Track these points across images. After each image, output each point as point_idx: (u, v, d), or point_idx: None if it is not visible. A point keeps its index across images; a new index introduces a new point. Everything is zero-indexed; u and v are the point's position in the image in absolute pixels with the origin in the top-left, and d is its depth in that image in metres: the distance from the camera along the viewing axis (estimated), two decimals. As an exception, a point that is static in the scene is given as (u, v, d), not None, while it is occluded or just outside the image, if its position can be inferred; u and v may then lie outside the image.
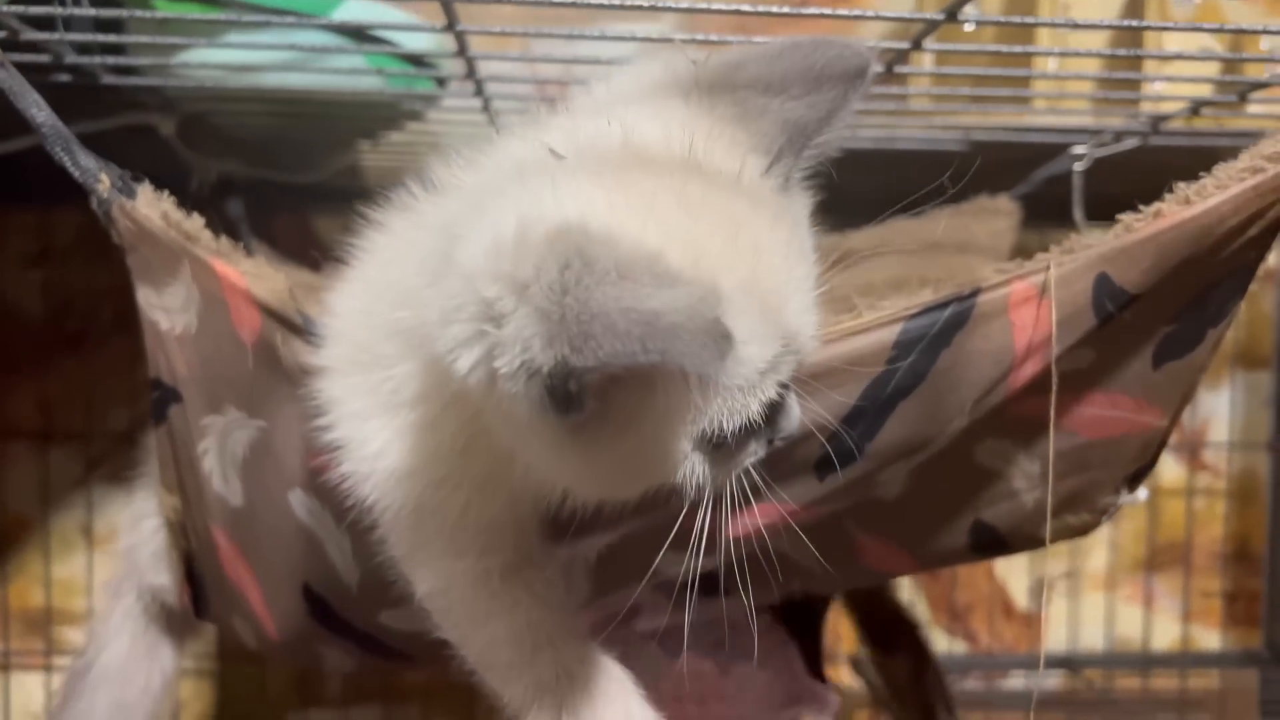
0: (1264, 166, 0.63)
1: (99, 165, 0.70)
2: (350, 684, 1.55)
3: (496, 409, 0.53)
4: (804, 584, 0.84)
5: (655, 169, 0.53)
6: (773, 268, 0.53)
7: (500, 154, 0.58)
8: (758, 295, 0.52)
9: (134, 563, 0.91)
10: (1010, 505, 0.79)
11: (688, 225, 0.51)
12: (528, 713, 0.64)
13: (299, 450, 0.73)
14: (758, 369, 0.52)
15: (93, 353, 1.48)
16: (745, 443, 0.57)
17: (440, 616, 0.68)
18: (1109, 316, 0.67)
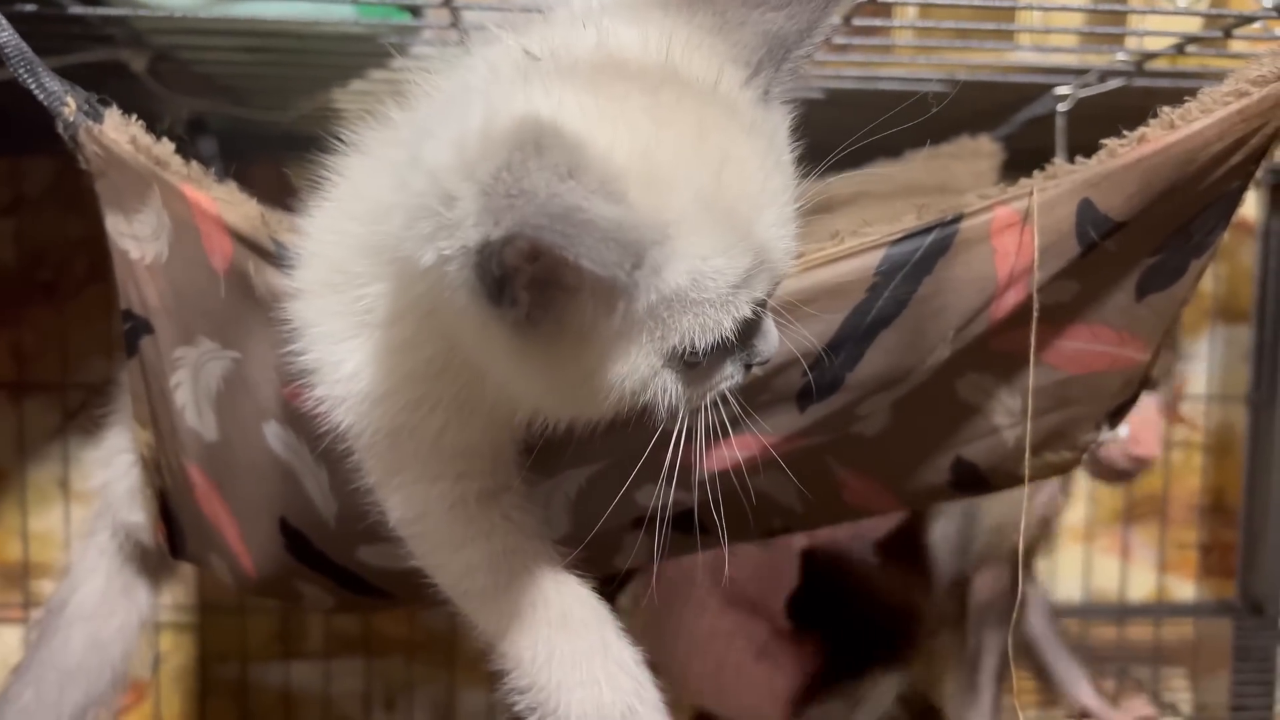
0: (1249, 90, 0.62)
1: (65, 88, 0.69)
2: (332, 636, 1.55)
3: (451, 310, 0.52)
4: (784, 522, 0.84)
5: (629, 74, 0.52)
6: (744, 177, 0.52)
7: (475, 59, 0.57)
8: (725, 205, 0.51)
9: (108, 500, 0.90)
10: (991, 442, 0.79)
11: (655, 132, 0.50)
12: (502, 639, 0.64)
13: (273, 381, 0.72)
14: (729, 282, 0.51)
15: (67, 302, 1.46)
16: (720, 363, 0.57)
17: (415, 543, 0.67)
18: (1092, 244, 0.66)
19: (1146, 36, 0.95)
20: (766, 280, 0.54)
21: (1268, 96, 0.62)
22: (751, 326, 0.56)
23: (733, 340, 0.54)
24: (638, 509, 0.75)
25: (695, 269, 0.50)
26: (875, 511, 0.86)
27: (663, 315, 0.51)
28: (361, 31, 0.93)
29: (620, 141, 0.49)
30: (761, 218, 0.52)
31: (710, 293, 0.51)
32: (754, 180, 0.52)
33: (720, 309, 0.52)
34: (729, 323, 0.52)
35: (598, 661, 0.63)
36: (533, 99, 0.50)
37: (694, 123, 0.52)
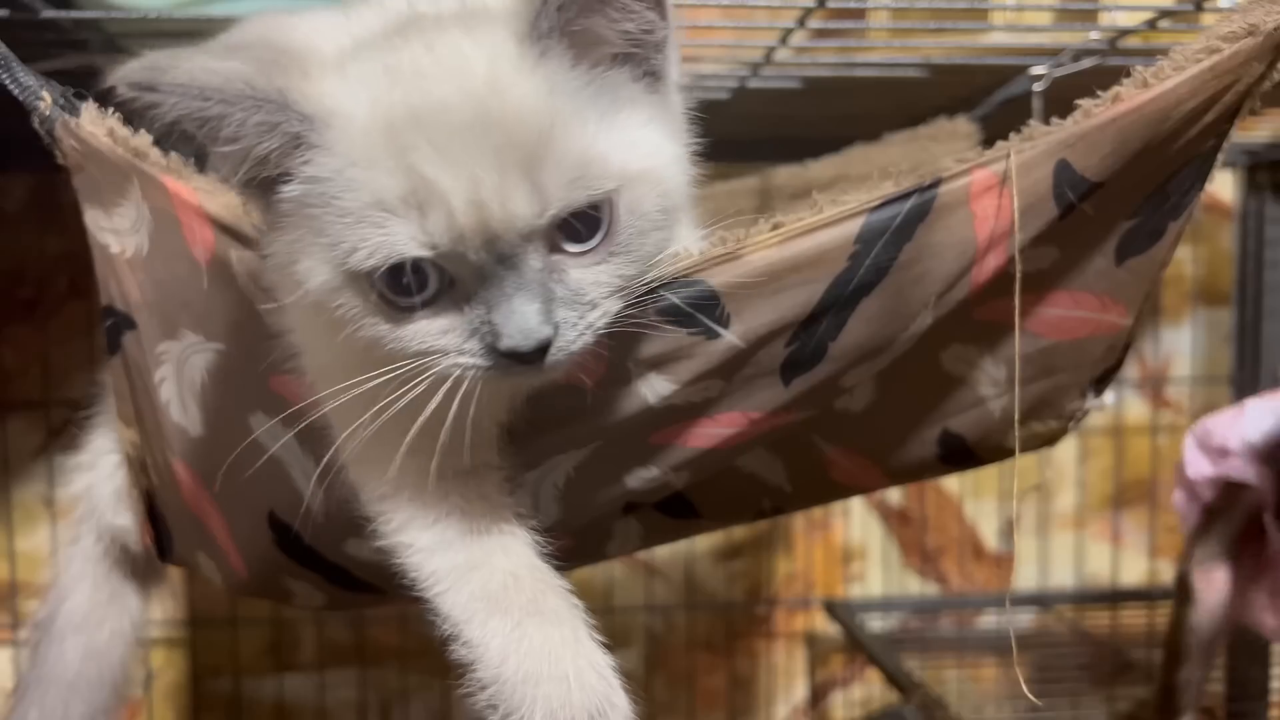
0: (1220, 47, 0.63)
1: (40, 83, 0.69)
2: (325, 646, 1.53)
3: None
4: (774, 502, 0.84)
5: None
6: (429, 103, 0.51)
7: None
8: (391, 123, 0.51)
9: (92, 504, 0.88)
10: (978, 413, 0.79)
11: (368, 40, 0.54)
12: (469, 624, 0.61)
13: (259, 371, 0.71)
14: (372, 197, 0.51)
15: (48, 319, 1.45)
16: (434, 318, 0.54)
17: (386, 521, 0.65)
18: (1070, 206, 0.66)
19: (1119, 13, 0.96)
20: (442, 224, 0.51)
21: (1239, 52, 0.63)
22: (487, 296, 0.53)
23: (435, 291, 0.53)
24: (627, 493, 0.75)
25: (337, 170, 0.51)
26: (864, 488, 0.86)
27: (318, 213, 0.52)
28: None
29: (329, 46, 0.54)
30: (429, 148, 0.50)
31: (352, 204, 0.51)
32: (438, 106, 0.51)
33: (370, 229, 0.51)
34: (382, 251, 0.51)
35: (568, 656, 0.60)
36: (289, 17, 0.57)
37: (418, 45, 0.53)
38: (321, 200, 0.52)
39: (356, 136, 0.51)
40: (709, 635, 1.60)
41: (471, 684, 0.61)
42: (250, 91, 0.50)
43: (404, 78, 0.51)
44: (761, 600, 1.62)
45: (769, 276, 0.63)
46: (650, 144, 0.56)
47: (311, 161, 0.52)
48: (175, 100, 0.50)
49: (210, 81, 0.49)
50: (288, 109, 0.51)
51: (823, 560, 1.62)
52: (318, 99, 0.51)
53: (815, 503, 0.92)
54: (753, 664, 1.62)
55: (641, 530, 0.84)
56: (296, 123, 0.51)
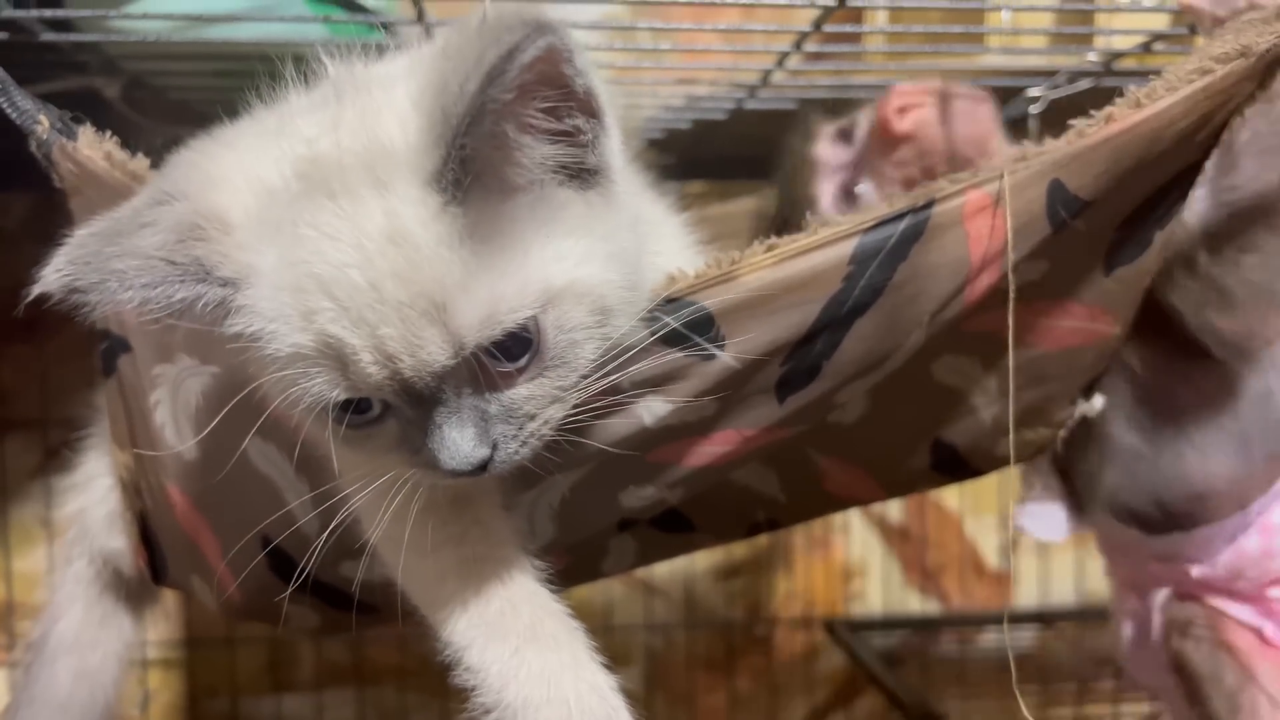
0: (1212, 68, 0.63)
1: (37, 106, 0.69)
2: (323, 666, 1.53)
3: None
4: (769, 514, 0.84)
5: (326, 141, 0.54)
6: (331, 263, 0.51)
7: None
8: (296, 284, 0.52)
9: (85, 526, 0.88)
10: (970, 422, 0.79)
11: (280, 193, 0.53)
12: (469, 650, 0.62)
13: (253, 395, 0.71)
14: (286, 353, 0.52)
15: (46, 339, 1.44)
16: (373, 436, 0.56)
17: (386, 548, 0.66)
18: (1063, 224, 0.67)
19: (1114, 36, 0.96)
20: (360, 375, 0.52)
21: (1231, 73, 0.63)
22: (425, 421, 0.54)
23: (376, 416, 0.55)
24: (622, 511, 0.75)
25: (256, 326, 0.53)
26: (859, 499, 0.86)
27: (253, 357, 0.54)
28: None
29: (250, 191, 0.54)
30: (330, 306, 0.51)
31: (272, 358, 0.53)
32: (340, 266, 0.51)
33: (294, 377, 0.53)
34: (309, 398, 0.53)
35: (568, 680, 0.60)
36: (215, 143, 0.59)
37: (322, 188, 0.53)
38: (255, 348, 0.54)
39: (269, 296, 0.52)
40: (709, 654, 1.60)
41: (475, 708, 0.61)
42: (172, 271, 0.52)
43: (308, 237, 0.52)
44: (762, 619, 1.61)
45: (764, 298, 0.63)
46: (578, 252, 0.55)
47: (239, 317, 0.53)
48: (102, 296, 0.51)
49: (131, 267, 0.51)
50: (209, 278, 0.52)
51: (823, 578, 1.62)
52: (236, 259, 0.53)
53: (810, 515, 0.92)
54: (753, 683, 1.61)
55: (637, 547, 0.84)
56: (219, 287, 0.53)
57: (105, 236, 0.52)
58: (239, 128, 0.60)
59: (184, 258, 0.52)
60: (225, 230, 0.53)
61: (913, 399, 0.77)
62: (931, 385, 0.77)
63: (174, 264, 0.52)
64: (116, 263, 0.51)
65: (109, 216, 0.54)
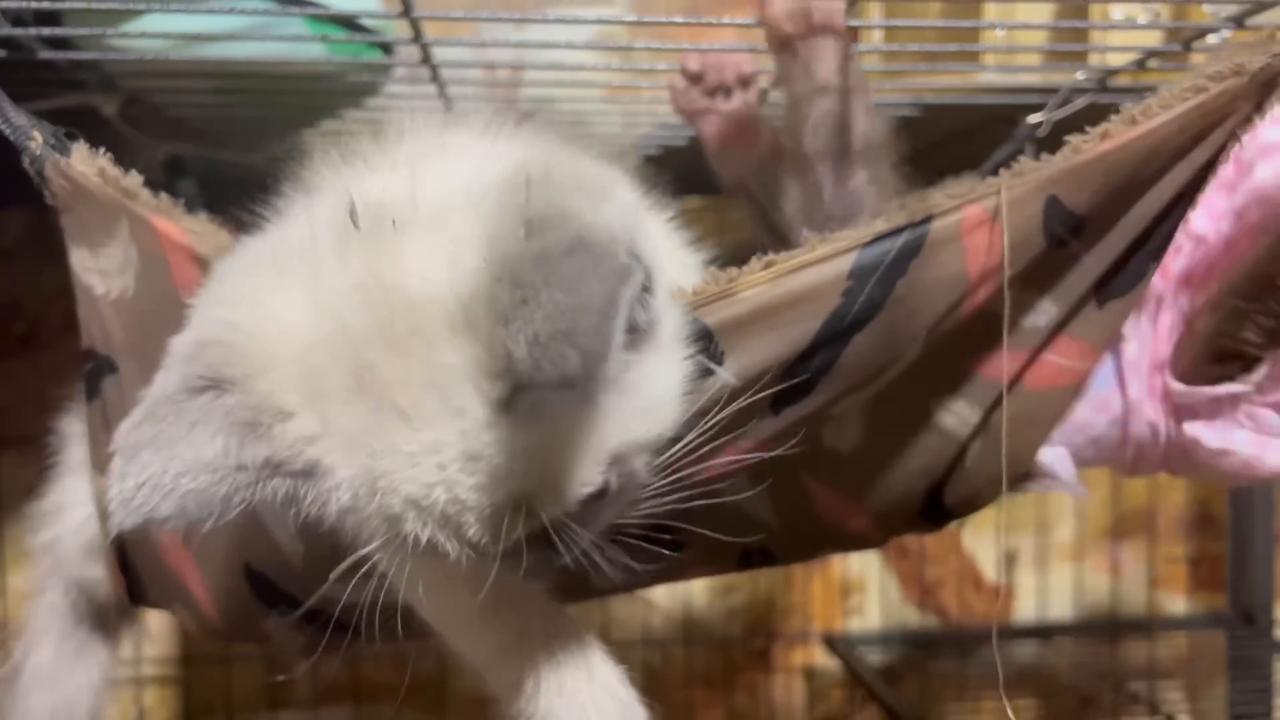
0: (1207, 85, 0.64)
1: (31, 122, 0.69)
2: (320, 684, 1.52)
3: None
4: (761, 540, 0.83)
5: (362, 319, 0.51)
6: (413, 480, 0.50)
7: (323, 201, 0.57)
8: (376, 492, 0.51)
9: (58, 557, 0.86)
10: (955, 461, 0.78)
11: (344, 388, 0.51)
12: (488, 669, 0.63)
13: None
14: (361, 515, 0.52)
15: (42, 354, 1.44)
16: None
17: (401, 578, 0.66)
18: (1059, 240, 0.67)
19: (1109, 53, 0.97)
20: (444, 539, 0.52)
21: (1225, 91, 0.64)
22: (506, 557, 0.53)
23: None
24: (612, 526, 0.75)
25: (335, 515, 0.52)
26: (853, 530, 0.85)
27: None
28: (333, 71, 0.94)
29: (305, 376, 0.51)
30: (417, 518, 0.51)
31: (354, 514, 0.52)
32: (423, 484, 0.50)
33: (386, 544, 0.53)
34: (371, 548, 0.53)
35: (584, 689, 0.62)
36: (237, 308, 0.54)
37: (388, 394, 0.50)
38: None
39: (347, 496, 0.52)
40: (707, 670, 1.59)
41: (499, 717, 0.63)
42: (242, 477, 0.50)
43: (384, 455, 0.50)
44: (760, 634, 1.61)
45: (763, 314, 0.64)
46: (635, 410, 0.54)
47: (310, 504, 0.52)
48: (181, 520, 0.49)
49: (203, 483, 0.49)
50: (280, 472, 0.51)
51: (821, 594, 1.61)
52: (305, 452, 0.51)
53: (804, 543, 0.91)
54: (751, 699, 1.60)
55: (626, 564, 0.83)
56: (291, 479, 0.51)
57: (161, 447, 0.49)
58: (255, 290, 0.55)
59: (252, 459, 0.50)
60: (284, 419, 0.51)
61: (911, 437, 0.77)
62: (930, 425, 0.77)
63: (244, 469, 0.50)
64: (186, 482, 0.49)
65: (149, 412, 0.50)
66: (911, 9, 1.02)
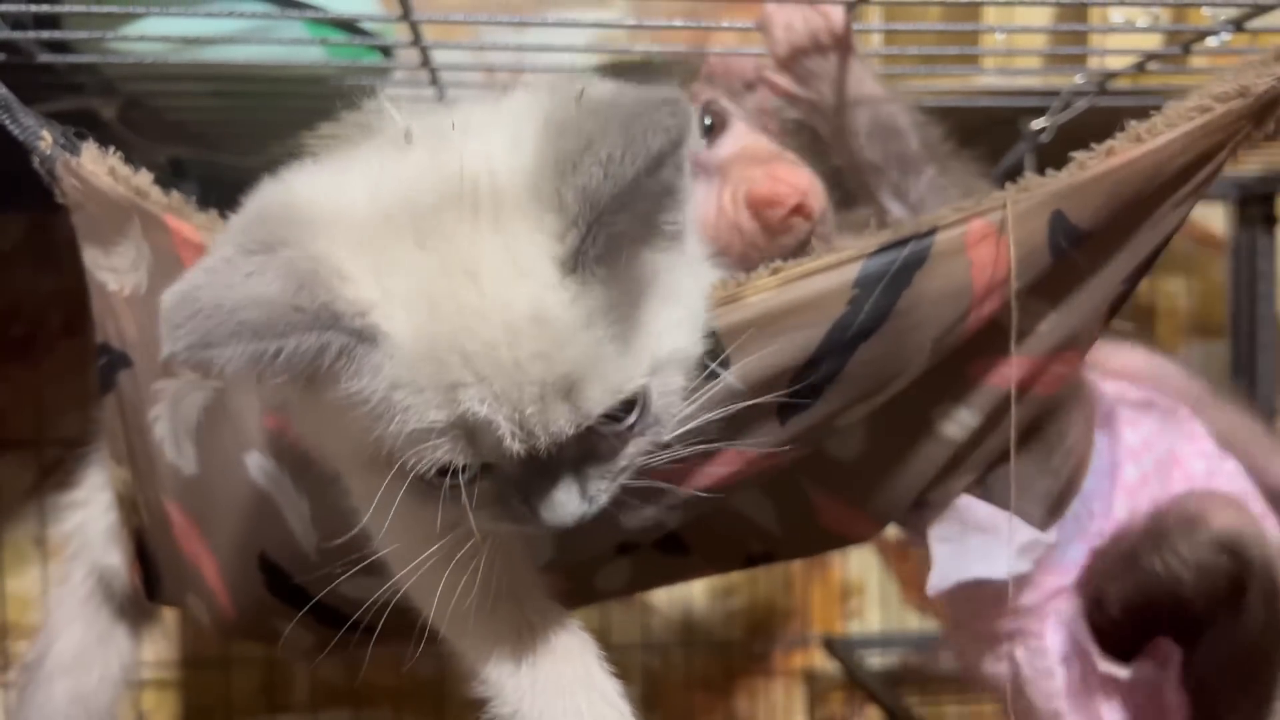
0: (1212, 105, 0.65)
1: (40, 122, 0.70)
2: (319, 687, 1.52)
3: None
4: (764, 547, 0.84)
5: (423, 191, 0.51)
6: (475, 340, 0.49)
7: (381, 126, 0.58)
8: (435, 355, 0.49)
9: (84, 541, 0.88)
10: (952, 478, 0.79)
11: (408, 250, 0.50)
12: (485, 665, 0.63)
13: (256, 410, 0.71)
14: (418, 424, 0.50)
15: (41, 358, 1.44)
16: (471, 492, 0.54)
17: (400, 564, 0.65)
18: (1064, 254, 0.68)
19: (1108, 56, 0.97)
20: (489, 446, 0.51)
21: (1230, 111, 0.65)
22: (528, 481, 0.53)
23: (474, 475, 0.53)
24: (622, 533, 0.75)
25: (381, 391, 0.50)
26: (853, 535, 0.85)
27: (360, 418, 0.51)
28: (332, 73, 0.94)
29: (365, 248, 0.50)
30: (476, 384, 0.49)
31: (397, 424, 0.50)
32: (485, 344, 0.49)
33: (415, 443, 0.50)
34: (426, 465, 0.51)
35: (581, 692, 0.62)
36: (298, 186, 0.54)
37: (450, 259, 0.50)
38: (364, 409, 0.51)
39: (402, 364, 0.49)
40: (707, 673, 1.59)
41: (490, 718, 0.63)
42: (300, 318, 0.47)
43: (450, 312, 0.49)
44: (759, 638, 1.60)
45: (769, 319, 0.64)
46: (673, 319, 0.55)
47: (355, 375, 0.50)
48: (234, 350, 0.47)
49: (259, 316, 0.47)
50: (338, 325, 0.48)
51: (821, 597, 1.61)
52: (362, 312, 0.49)
53: (806, 550, 0.92)
54: (751, 702, 1.60)
55: (632, 569, 0.84)
56: (347, 336, 0.49)
57: (214, 288, 0.48)
58: (312, 173, 0.55)
59: (311, 303, 0.48)
60: (343, 280, 0.49)
61: (913, 444, 0.77)
62: (932, 433, 0.77)
63: (302, 310, 0.48)
64: (243, 314, 0.47)
65: (202, 269, 0.49)
66: (911, 12, 1.03)
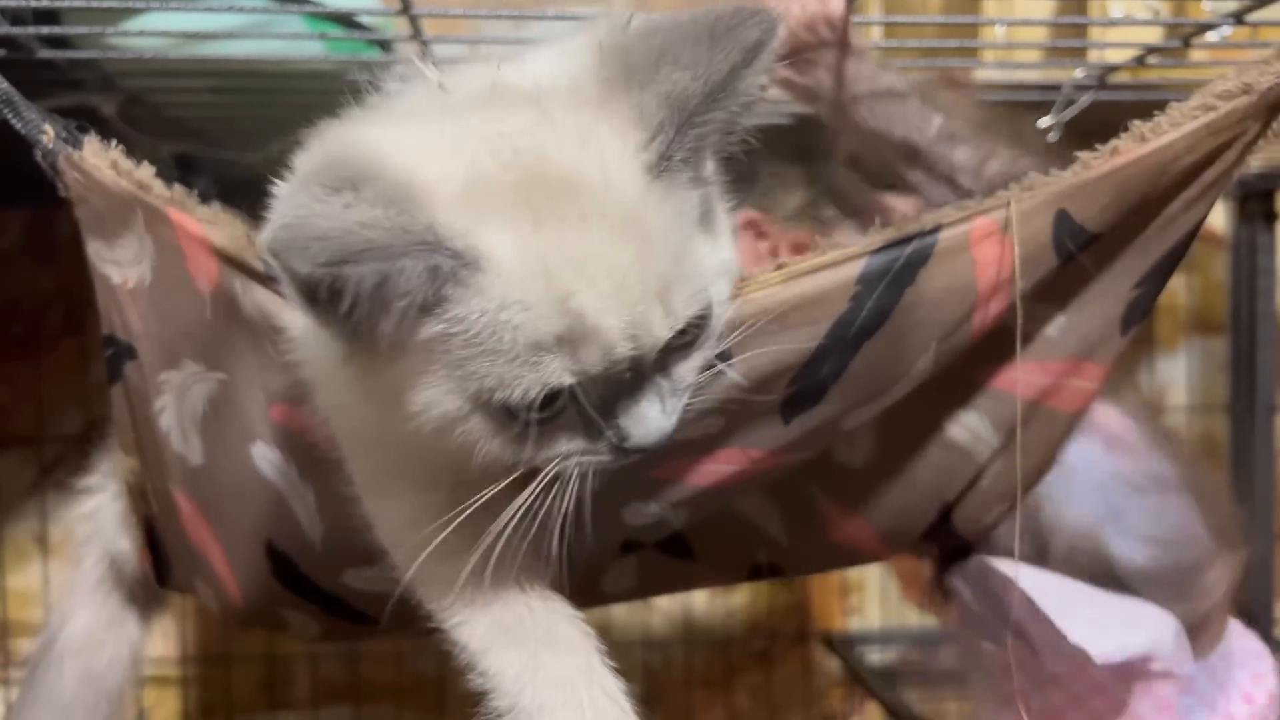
0: (1215, 105, 0.65)
1: (42, 116, 0.70)
2: (319, 684, 1.52)
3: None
4: (770, 557, 0.83)
5: (495, 115, 0.52)
6: (577, 243, 0.49)
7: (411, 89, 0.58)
8: (543, 262, 0.49)
9: (98, 524, 0.88)
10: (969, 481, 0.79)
11: (490, 169, 0.50)
12: (486, 655, 0.62)
13: (261, 401, 0.72)
14: (528, 340, 0.50)
15: (42, 356, 1.44)
16: (562, 432, 0.55)
17: (402, 555, 0.65)
18: (1069, 256, 0.68)
19: (1108, 49, 0.97)
20: (596, 355, 0.51)
21: (1234, 110, 0.64)
22: (612, 402, 0.53)
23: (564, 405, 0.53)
24: (625, 529, 0.75)
25: (489, 312, 0.49)
26: (862, 552, 0.85)
27: (457, 351, 0.50)
28: (331, 69, 0.94)
29: (449, 169, 0.50)
30: (587, 289, 0.50)
31: (506, 345, 0.50)
32: (590, 249, 0.50)
33: (521, 366, 0.50)
34: (534, 386, 0.50)
35: (582, 685, 0.61)
36: (362, 129, 0.53)
37: (540, 172, 0.50)
38: (464, 339, 0.50)
39: (511, 281, 0.49)
40: (707, 670, 1.59)
41: (489, 712, 0.62)
42: (409, 239, 0.47)
43: (552, 223, 0.50)
44: (759, 634, 1.60)
45: (772, 315, 0.64)
46: (718, 235, 0.57)
47: (457, 301, 0.49)
48: (366, 269, 0.46)
49: (380, 235, 0.46)
50: (441, 249, 0.48)
51: (821, 593, 1.61)
52: (462, 236, 0.49)
53: (813, 563, 0.91)
54: (751, 699, 1.60)
55: (638, 570, 0.83)
56: (448, 261, 0.48)
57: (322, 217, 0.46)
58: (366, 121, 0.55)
59: (415, 225, 0.47)
60: (435, 204, 0.49)
61: (924, 454, 0.77)
62: (943, 441, 0.77)
63: (410, 231, 0.46)
64: (366, 233, 0.45)
65: (293, 205, 0.47)
66: (911, 5, 1.03)
